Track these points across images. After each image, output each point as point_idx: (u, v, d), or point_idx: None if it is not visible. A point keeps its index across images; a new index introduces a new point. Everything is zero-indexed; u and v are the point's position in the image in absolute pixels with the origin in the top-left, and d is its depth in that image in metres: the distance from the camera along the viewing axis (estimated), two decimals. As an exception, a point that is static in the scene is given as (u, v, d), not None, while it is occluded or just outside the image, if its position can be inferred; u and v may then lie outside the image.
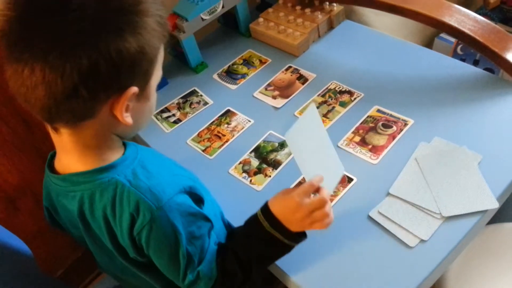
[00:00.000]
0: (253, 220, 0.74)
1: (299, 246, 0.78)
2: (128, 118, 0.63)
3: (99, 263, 0.86)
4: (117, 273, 0.84)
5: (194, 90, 1.17)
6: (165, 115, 1.12)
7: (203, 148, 1.01)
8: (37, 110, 0.59)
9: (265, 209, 0.72)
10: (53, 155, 0.72)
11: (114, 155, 0.68)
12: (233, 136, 1.02)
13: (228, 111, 1.08)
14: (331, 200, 0.84)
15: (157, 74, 0.67)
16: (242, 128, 1.03)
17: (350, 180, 0.86)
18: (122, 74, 0.58)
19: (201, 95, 1.15)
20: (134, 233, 0.66)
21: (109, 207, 0.66)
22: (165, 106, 1.15)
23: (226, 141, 1.02)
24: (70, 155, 0.67)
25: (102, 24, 0.55)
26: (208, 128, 1.05)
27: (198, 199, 0.73)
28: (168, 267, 0.71)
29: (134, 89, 0.60)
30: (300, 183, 0.88)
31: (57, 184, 0.70)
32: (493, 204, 0.76)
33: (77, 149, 0.66)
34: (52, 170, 0.71)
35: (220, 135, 1.03)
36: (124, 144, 0.71)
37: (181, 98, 1.16)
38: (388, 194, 0.82)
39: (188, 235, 0.69)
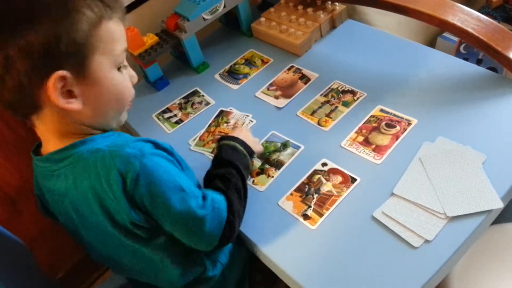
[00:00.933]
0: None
1: (304, 246, 0.79)
2: (73, 104, 0.65)
3: (93, 250, 0.83)
4: (113, 257, 0.81)
5: (196, 90, 1.16)
6: (166, 115, 1.12)
7: (210, 150, 1.00)
8: None
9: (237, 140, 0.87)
10: (39, 145, 0.75)
11: (94, 133, 0.71)
12: None
13: (222, 111, 1.08)
14: (335, 201, 0.84)
15: (103, 56, 0.66)
16: (243, 124, 1.02)
17: (353, 180, 0.86)
18: (37, 62, 0.60)
19: (203, 95, 1.14)
20: (129, 189, 0.65)
21: (93, 175, 0.66)
22: (167, 106, 1.14)
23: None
24: (51, 142, 0.70)
25: (3, 17, 0.58)
26: (208, 131, 1.05)
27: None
28: (179, 207, 0.69)
29: (60, 73, 0.61)
30: (303, 183, 0.88)
31: (41, 166, 0.72)
32: (498, 204, 0.75)
33: (54, 136, 0.69)
34: (37, 155, 0.74)
35: (223, 134, 1.02)
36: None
37: (183, 98, 1.15)
38: (392, 194, 0.81)
39: (179, 175, 0.71)
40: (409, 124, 0.92)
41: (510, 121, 0.87)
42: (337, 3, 1.19)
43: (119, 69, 0.71)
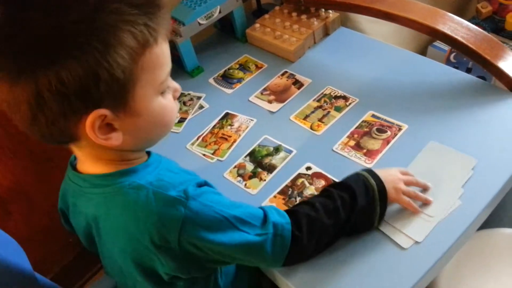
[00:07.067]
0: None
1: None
2: (112, 140, 0.59)
3: (108, 270, 0.82)
4: (127, 283, 0.78)
5: (189, 94, 1.17)
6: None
7: (212, 151, 1.01)
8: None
9: (369, 170, 0.79)
10: (75, 157, 0.71)
11: (137, 161, 0.66)
12: (240, 136, 1.02)
13: (227, 114, 1.09)
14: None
15: (146, 87, 0.58)
16: (247, 128, 1.03)
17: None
18: (73, 101, 0.53)
19: (189, 93, 1.15)
20: (172, 239, 0.61)
21: (131, 214, 0.62)
22: (161, 109, 1.14)
23: (234, 141, 1.01)
24: (89, 163, 0.66)
25: (34, 54, 0.51)
26: (211, 132, 1.05)
27: None
28: (235, 241, 0.64)
29: (100, 112, 0.55)
30: (287, 186, 0.88)
31: (77, 183, 0.68)
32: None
33: (93, 160, 0.65)
34: (75, 169, 0.69)
35: (226, 136, 1.03)
36: (148, 153, 0.70)
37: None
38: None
39: (231, 204, 0.67)
40: (400, 129, 0.93)
41: (498, 128, 0.89)
42: (330, 11, 1.21)
43: (162, 93, 0.62)
